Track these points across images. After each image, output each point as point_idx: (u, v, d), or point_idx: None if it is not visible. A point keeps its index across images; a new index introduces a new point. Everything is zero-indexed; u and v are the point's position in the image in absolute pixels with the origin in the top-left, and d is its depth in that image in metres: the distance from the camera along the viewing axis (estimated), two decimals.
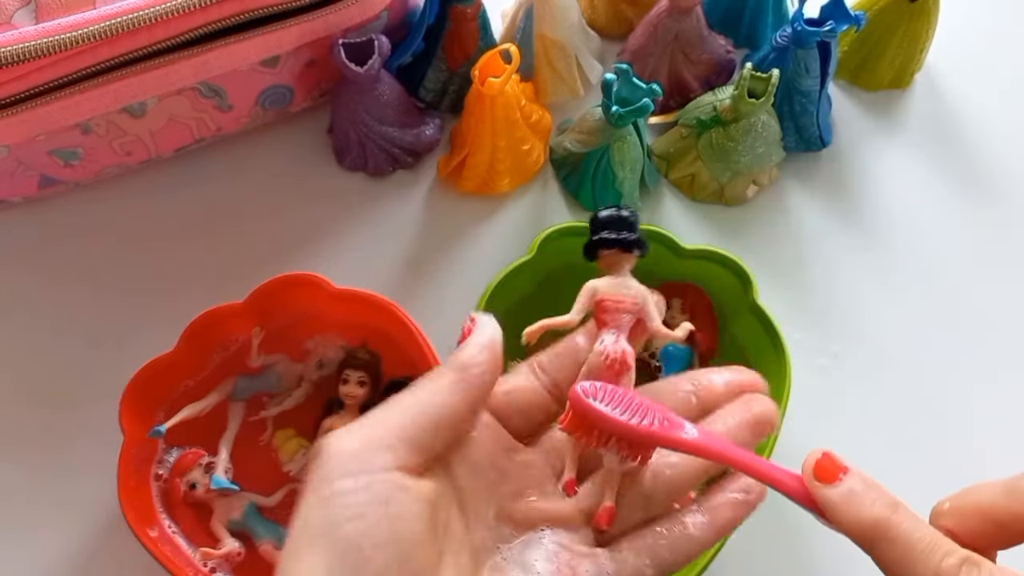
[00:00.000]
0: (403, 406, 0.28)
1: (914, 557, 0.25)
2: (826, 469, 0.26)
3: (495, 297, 0.46)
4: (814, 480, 0.26)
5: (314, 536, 0.25)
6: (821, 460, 0.27)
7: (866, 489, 0.26)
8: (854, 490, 0.26)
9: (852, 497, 0.26)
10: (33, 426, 0.49)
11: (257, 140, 0.56)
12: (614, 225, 0.32)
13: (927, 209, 0.56)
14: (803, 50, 0.52)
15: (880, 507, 0.25)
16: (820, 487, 0.26)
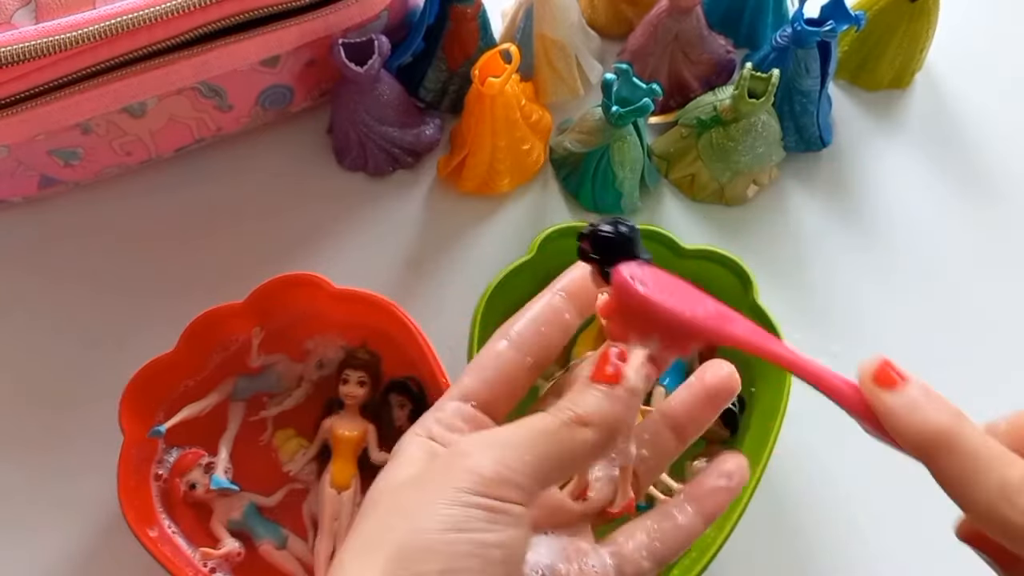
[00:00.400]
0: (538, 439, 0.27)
1: (979, 467, 0.24)
2: (885, 376, 0.25)
3: (495, 297, 0.46)
4: (873, 387, 0.25)
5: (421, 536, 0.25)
6: (880, 366, 0.25)
7: (929, 397, 0.25)
8: (916, 398, 0.25)
9: (915, 405, 0.25)
10: (33, 426, 0.49)
11: (257, 140, 0.56)
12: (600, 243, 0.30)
13: (927, 209, 0.56)
14: (803, 50, 0.52)
15: (946, 416, 0.24)
16: (880, 393, 0.25)
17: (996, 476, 0.23)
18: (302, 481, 0.48)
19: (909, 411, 0.25)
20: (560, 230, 0.48)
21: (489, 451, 0.26)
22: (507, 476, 0.26)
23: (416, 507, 0.26)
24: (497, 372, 0.31)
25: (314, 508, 0.47)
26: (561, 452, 0.27)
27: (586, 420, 0.27)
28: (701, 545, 0.43)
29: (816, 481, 0.49)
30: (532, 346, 0.31)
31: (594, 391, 0.28)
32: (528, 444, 0.27)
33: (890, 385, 0.25)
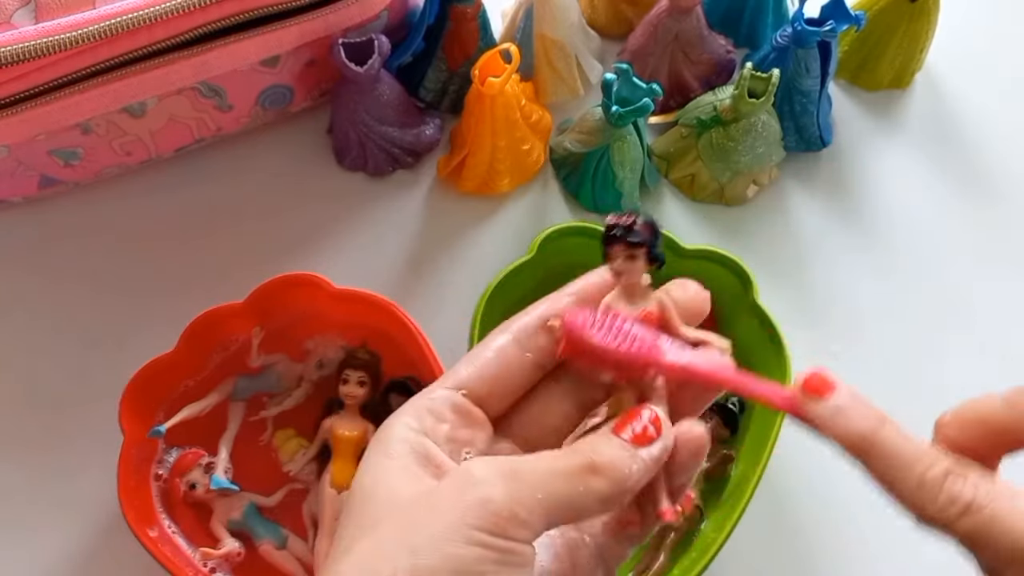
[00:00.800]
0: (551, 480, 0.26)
1: (899, 468, 0.25)
2: (815, 386, 0.27)
3: (495, 297, 0.46)
4: (804, 397, 0.27)
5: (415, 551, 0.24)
6: (810, 378, 0.27)
7: (853, 405, 0.26)
8: (840, 406, 0.26)
9: (838, 413, 0.26)
10: (33, 426, 0.49)
11: (257, 140, 0.56)
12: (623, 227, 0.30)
13: (927, 209, 0.57)
14: (803, 50, 0.52)
15: (867, 421, 0.26)
16: (809, 403, 0.27)
17: (914, 475, 0.25)
18: (302, 481, 0.48)
19: (834, 419, 0.26)
20: (560, 230, 0.48)
21: (503, 483, 0.25)
22: (519, 515, 0.25)
23: (423, 540, 0.24)
24: (494, 365, 0.30)
25: (314, 508, 0.47)
26: (572, 498, 0.26)
27: (600, 470, 0.26)
28: (701, 545, 0.44)
29: (816, 481, 0.49)
30: (534, 343, 0.30)
31: (618, 445, 0.27)
32: (541, 482, 0.26)
33: (818, 394, 0.27)
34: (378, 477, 0.27)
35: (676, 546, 0.45)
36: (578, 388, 0.31)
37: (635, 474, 0.27)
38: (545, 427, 0.30)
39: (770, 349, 0.46)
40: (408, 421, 0.28)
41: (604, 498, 0.26)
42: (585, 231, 0.48)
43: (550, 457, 0.27)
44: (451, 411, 0.29)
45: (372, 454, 0.28)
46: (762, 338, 0.46)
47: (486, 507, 0.25)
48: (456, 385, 0.30)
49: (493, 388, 0.30)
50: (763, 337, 0.46)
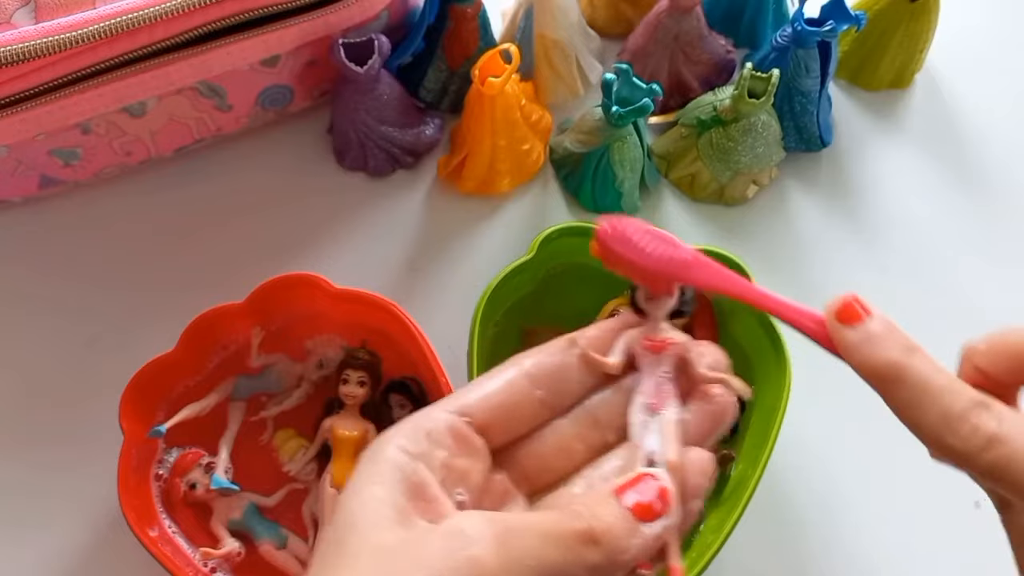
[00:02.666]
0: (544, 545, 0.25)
1: (924, 399, 0.25)
2: (848, 313, 0.26)
3: (495, 297, 0.46)
4: (835, 321, 0.26)
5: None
6: (843, 304, 0.26)
7: (885, 332, 0.26)
8: (872, 332, 0.26)
9: (869, 339, 0.26)
10: (33, 426, 0.49)
11: (257, 140, 0.56)
12: None
13: (927, 209, 0.57)
14: (803, 50, 0.52)
15: (897, 350, 0.26)
16: (839, 328, 0.26)
17: (940, 406, 0.25)
18: (302, 481, 0.48)
19: (864, 345, 0.26)
20: (560, 230, 0.48)
21: (495, 546, 0.24)
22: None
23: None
24: (502, 396, 0.29)
25: (314, 508, 0.47)
26: (565, 566, 0.25)
27: (598, 541, 0.25)
28: (701, 545, 0.43)
29: (816, 480, 0.49)
30: (545, 381, 0.29)
31: (620, 514, 0.26)
32: (534, 548, 0.24)
33: (851, 320, 0.26)
34: (364, 506, 0.26)
35: None
36: (591, 429, 0.29)
37: (633, 548, 0.25)
38: (547, 466, 0.29)
39: (770, 349, 0.46)
40: (403, 443, 0.27)
41: (597, 568, 0.25)
42: (585, 231, 0.48)
43: (548, 520, 0.26)
44: (450, 436, 0.28)
45: (362, 475, 0.26)
46: (762, 338, 0.46)
47: (476, 570, 0.24)
48: (459, 410, 0.28)
49: (497, 419, 0.28)
50: (763, 337, 0.46)
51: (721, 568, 0.43)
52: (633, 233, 0.28)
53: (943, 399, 0.25)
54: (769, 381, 0.46)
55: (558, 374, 0.29)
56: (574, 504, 0.26)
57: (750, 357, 0.47)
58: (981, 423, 0.24)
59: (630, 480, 0.26)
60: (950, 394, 0.25)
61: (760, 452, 0.44)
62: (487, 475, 0.28)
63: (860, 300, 0.26)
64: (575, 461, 0.29)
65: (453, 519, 0.26)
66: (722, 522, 0.43)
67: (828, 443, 0.49)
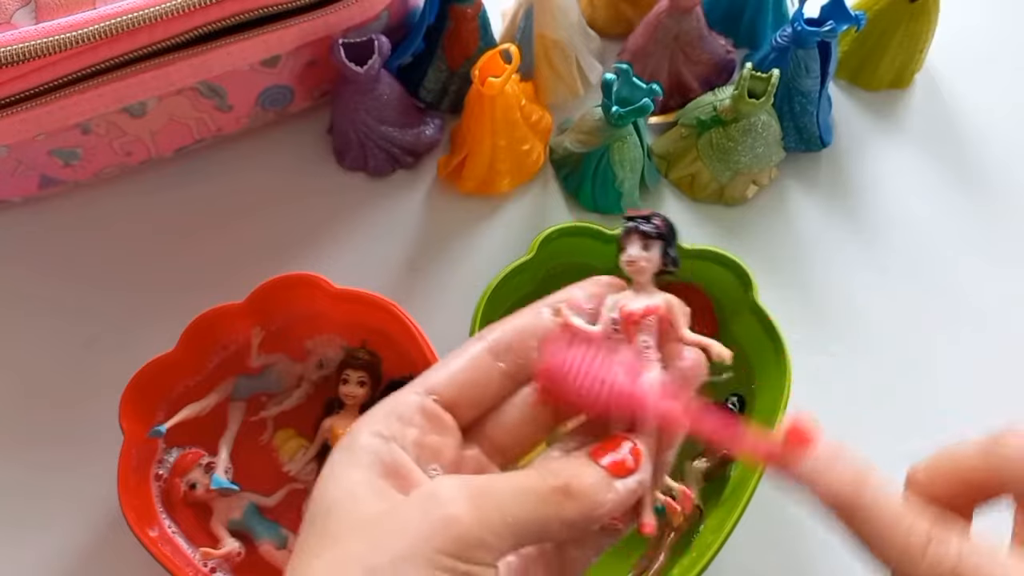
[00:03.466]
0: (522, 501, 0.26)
1: (882, 535, 0.25)
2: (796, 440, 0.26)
3: (495, 297, 0.46)
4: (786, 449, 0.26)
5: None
6: (788, 428, 0.26)
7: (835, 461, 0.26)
8: (822, 462, 0.26)
9: (820, 471, 0.26)
10: (33, 426, 0.49)
11: (257, 140, 0.56)
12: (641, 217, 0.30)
13: (927, 209, 0.57)
14: (803, 50, 0.52)
15: (846, 483, 0.26)
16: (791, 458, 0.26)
17: (897, 544, 0.25)
18: (302, 481, 0.48)
19: (816, 478, 0.26)
20: (560, 230, 0.48)
21: (470, 504, 0.25)
22: (485, 539, 0.24)
23: (384, 560, 0.24)
24: (467, 372, 0.29)
25: None
26: (541, 521, 0.25)
27: (574, 495, 0.26)
28: (701, 545, 0.43)
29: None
30: (509, 355, 0.29)
31: (595, 471, 0.26)
32: (511, 504, 0.25)
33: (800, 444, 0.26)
34: (342, 489, 0.26)
35: (675, 546, 0.45)
36: None
37: (608, 503, 0.26)
38: (516, 434, 0.30)
39: (770, 349, 0.46)
40: (375, 427, 0.27)
41: (573, 523, 0.26)
42: (585, 231, 0.48)
43: (522, 477, 0.26)
44: (420, 415, 0.28)
45: (337, 462, 0.27)
46: (762, 338, 0.46)
47: (452, 530, 0.24)
48: (426, 390, 0.29)
49: (464, 395, 0.29)
50: (763, 337, 0.46)
51: (721, 568, 0.43)
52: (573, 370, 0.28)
53: (898, 536, 0.25)
54: (769, 381, 0.46)
55: (520, 345, 0.30)
56: (551, 466, 0.27)
57: (750, 357, 0.47)
58: (940, 556, 0.24)
59: (603, 444, 0.27)
60: (905, 530, 0.25)
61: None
62: (459, 451, 0.29)
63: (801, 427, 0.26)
64: (542, 428, 0.30)
65: (427, 485, 0.26)
66: (722, 522, 0.43)
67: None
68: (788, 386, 0.44)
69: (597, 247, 0.48)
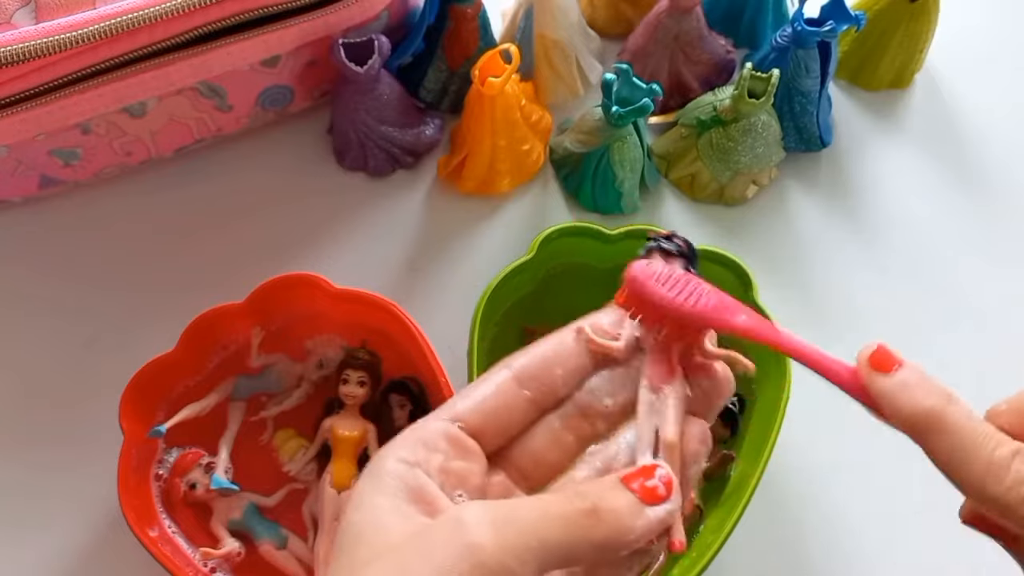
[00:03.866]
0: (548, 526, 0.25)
1: (967, 447, 0.25)
2: (881, 360, 0.26)
3: (495, 297, 0.46)
4: (870, 370, 0.26)
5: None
6: (876, 352, 0.26)
7: (921, 380, 0.26)
8: (908, 381, 0.26)
9: (907, 387, 0.26)
10: (33, 426, 0.49)
11: (257, 140, 0.56)
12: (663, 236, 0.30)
13: (927, 208, 0.57)
14: (803, 50, 0.52)
15: (935, 397, 0.26)
16: (875, 377, 0.26)
17: (984, 455, 0.25)
18: (302, 481, 0.48)
19: (900, 393, 0.26)
20: (560, 230, 0.48)
21: (493, 530, 0.24)
22: (509, 565, 0.24)
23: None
24: (492, 400, 0.29)
25: (314, 508, 0.47)
26: (567, 545, 0.25)
27: (603, 518, 0.25)
28: (701, 545, 0.43)
29: (816, 480, 0.49)
30: (533, 381, 0.29)
31: (625, 496, 0.26)
32: (536, 529, 0.25)
33: (885, 368, 0.26)
34: (368, 515, 0.26)
35: None
36: (579, 420, 0.30)
37: (638, 530, 0.26)
38: (541, 461, 0.30)
39: (770, 349, 0.46)
40: (401, 454, 0.27)
41: (601, 546, 0.25)
42: (585, 231, 0.48)
43: (547, 501, 0.26)
44: (445, 441, 0.28)
45: (363, 489, 0.27)
46: None
47: (476, 556, 0.24)
48: (452, 417, 0.29)
49: (489, 423, 0.29)
50: None
51: (721, 568, 0.43)
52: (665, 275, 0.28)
53: (985, 448, 0.25)
54: (769, 381, 0.46)
55: (545, 373, 0.30)
56: (580, 488, 0.27)
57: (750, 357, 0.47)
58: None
59: (636, 472, 0.27)
60: (992, 443, 0.25)
61: (760, 452, 0.44)
62: (485, 477, 0.29)
63: (889, 348, 0.27)
64: (569, 454, 0.30)
65: (452, 510, 0.26)
66: (722, 522, 0.43)
67: (828, 443, 0.49)
68: (788, 386, 0.44)
69: (597, 247, 0.48)
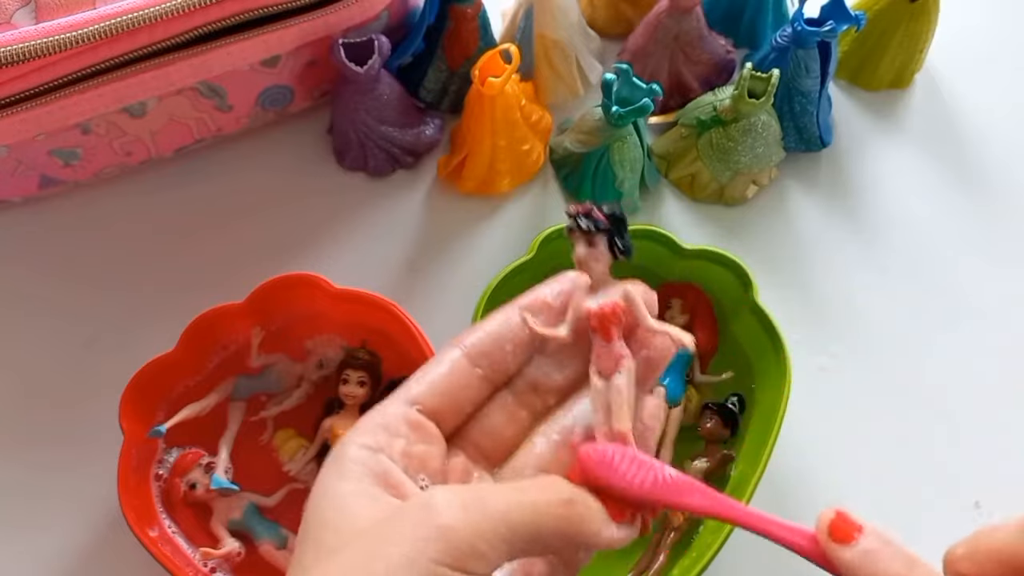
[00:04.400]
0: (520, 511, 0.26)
1: None
2: (841, 529, 0.26)
3: (495, 297, 0.46)
4: (830, 542, 0.26)
5: None
6: (836, 520, 0.26)
7: (882, 547, 0.25)
8: (870, 549, 0.25)
9: (868, 556, 0.25)
10: (33, 426, 0.49)
11: (257, 140, 0.56)
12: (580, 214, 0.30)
13: (926, 209, 0.57)
14: (803, 50, 0.52)
15: (898, 565, 0.25)
16: (837, 549, 0.26)
17: None
18: (302, 481, 0.48)
19: (863, 563, 0.25)
20: (560, 230, 0.48)
21: (464, 514, 0.25)
22: (479, 548, 0.24)
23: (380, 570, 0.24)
24: (446, 380, 0.29)
25: None
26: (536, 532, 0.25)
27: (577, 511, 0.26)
28: (701, 545, 0.43)
29: (816, 482, 0.49)
30: (484, 359, 0.30)
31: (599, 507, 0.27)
32: (506, 514, 0.25)
33: (846, 539, 0.26)
34: (334, 502, 0.26)
35: (675, 546, 0.45)
36: (531, 396, 0.31)
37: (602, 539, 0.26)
38: (498, 437, 0.30)
39: (770, 350, 0.46)
40: (363, 440, 0.28)
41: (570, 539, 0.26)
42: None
43: (522, 487, 0.26)
44: (405, 426, 0.28)
45: (327, 477, 0.27)
46: (762, 339, 0.46)
47: (447, 539, 0.24)
48: (408, 400, 0.29)
49: (445, 403, 0.29)
50: (763, 338, 0.46)
51: (721, 568, 0.43)
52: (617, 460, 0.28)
53: None
54: (769, 381, 0.46)
55: (496, 350, 0.30)
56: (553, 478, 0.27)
57: (750, 357, 0.47)
58: None
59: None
60: None
61: (760, 452, 0.44)
62: (445, 459, 0.29)
63: (848, 516, 0.26)
64: (524, 429, 0.30)
65: (421, 495, 0.26)
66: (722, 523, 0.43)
67: (828, 444, 0.49)
68: (788, 386, 0.44)
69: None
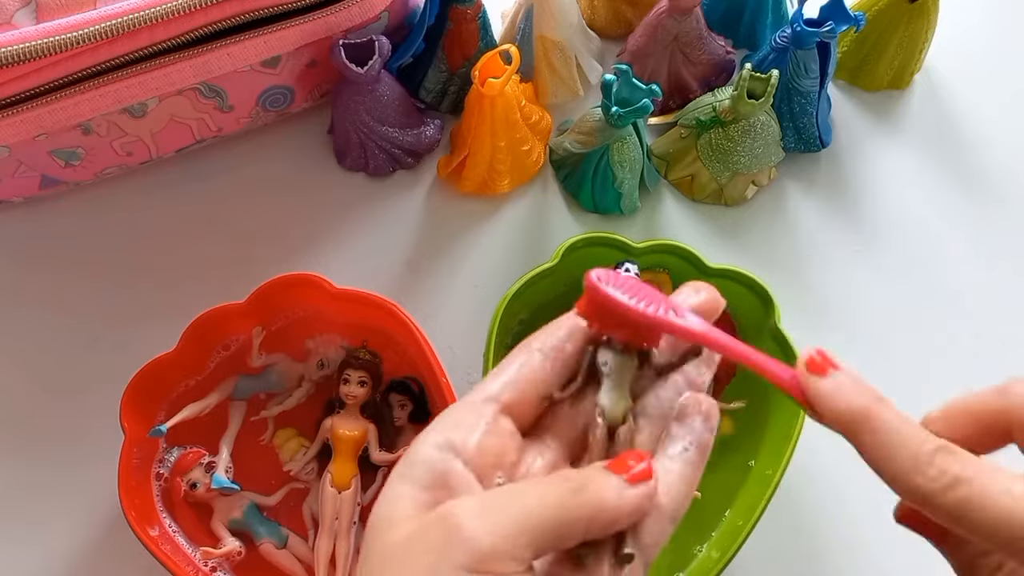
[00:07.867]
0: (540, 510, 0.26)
1: (894, 443, 0.26)
2: (818, 364, 0.28)
3: (516, 299, 0.46)
4: (807, 373, 0.28)
5: None
6: (815, 355, 0.28)
7: (853, 383, 0.27)
8: (842, 383, 0.27)
9: (839, 388, 0.27)
10: (34, 425, 0.49)
11: (257, 141, 0.56)
12: None
13: (926, 209, 0.57)
14: (802, 51, 0.52)
15: (866, 398, 0.27)
16: (811, 379, 0.28)
17: (909, 450, 0.26)
18: (303, 481, 0.48)
19: (834, 394, 0.27)
20: (585, 239, 0.47)
21: (483, 518, 0.25)
22: (505, 550, 0.25)
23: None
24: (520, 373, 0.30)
25: (314, 507, 0.47)
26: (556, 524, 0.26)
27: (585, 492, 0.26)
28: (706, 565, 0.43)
29: (828, 501, 0.49)
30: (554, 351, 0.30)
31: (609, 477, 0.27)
32: (526, 513, 0.26)
33: (821, 372, 0.28)
34: (386, 505, 0.27)
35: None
36: None
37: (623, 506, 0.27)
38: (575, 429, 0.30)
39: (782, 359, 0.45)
40: (435, 439, 0.28)
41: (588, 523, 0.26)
42: (611, 242, 0.47)
43: (536, 484, 0.27)
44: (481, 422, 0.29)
45: (394, 476, 0.28)
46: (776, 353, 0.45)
47: (469, 544, 0.25)
48: (485, 397, 0.29)
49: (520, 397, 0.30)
50: (777, 353, 0.45)
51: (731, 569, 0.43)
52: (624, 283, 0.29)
53: (911, 443, 0.26)
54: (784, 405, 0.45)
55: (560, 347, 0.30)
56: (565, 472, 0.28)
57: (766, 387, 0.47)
58: (946, 465, 0.26)
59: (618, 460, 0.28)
60: (917, 439, 0.26)
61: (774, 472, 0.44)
62: (520, 454, 0.29)
63: (828, 354, 0.28)
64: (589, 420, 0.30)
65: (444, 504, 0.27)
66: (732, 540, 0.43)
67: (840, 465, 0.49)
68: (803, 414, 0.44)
69: (620, 258, 0.47)
